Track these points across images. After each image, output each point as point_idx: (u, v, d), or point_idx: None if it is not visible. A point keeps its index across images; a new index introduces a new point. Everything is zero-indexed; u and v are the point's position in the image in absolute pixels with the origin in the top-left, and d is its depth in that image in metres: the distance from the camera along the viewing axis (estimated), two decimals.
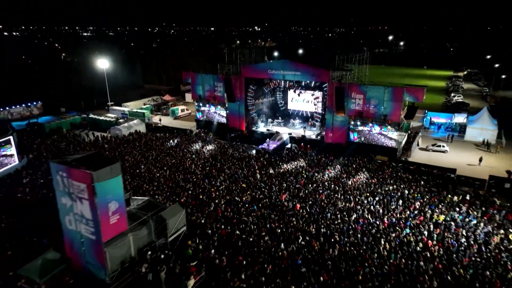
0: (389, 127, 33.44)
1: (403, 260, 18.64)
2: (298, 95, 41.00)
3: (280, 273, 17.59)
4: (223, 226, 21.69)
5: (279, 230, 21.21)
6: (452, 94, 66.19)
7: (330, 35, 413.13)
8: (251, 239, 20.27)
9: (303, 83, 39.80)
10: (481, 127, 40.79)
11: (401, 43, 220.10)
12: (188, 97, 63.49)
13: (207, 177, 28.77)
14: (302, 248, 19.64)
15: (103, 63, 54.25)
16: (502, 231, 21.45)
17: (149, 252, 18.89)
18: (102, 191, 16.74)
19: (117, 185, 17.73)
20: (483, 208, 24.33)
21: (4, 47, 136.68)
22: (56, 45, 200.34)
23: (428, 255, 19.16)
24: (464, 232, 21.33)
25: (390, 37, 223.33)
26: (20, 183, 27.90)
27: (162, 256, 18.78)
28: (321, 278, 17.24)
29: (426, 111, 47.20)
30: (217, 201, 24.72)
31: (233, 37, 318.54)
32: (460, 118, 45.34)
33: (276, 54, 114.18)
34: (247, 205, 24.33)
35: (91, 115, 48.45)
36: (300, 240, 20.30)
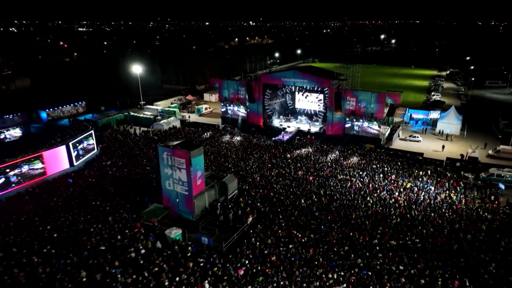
0: (374, 122, 44.13)
1: (380, 208, 29.32)
2: (306, 97, 51.53)
3: (302, 216, 28.14)
4: (260, 190, 32.19)
5: (299, 192, 31.78)
6: (432, 93, 77.06)
7: (324, 31, 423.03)
8: (281, 198, 30.81)
9: (309, 88, 50.25)
10: (448, 122, 51.54)
11: (393, 41, 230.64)
12: (206, 96, 73.67)
13: (242, 160, 39.22)
14: (315, 202, 30.22)
15: (137, 69, 64.13)
16: (447, 192, 32.22)
17: (219, 204, 29.37)
18: (194, 164, 27.11)
19: (201, 160, 28.14)
20: (438, 179, 35.08)
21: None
22: (62, 43, 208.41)
23: (397, 205, 29.86)
24: (422, 193, 32.05)
25: (382, 36, 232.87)
26: (101, 165, 38.11)
27: (227, 205, 29.33)
28: (329, 217, 27.86)
29: (407, 109, 57.87)
30: (253, 175, 35.19)
31: (229, 33, 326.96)
32: (434, 114, 55.98)
33: (277, 55, 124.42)
34: (274, 178, 34.85)
35: (132, 113, 58.44)
36: (314, 198, 30.89)
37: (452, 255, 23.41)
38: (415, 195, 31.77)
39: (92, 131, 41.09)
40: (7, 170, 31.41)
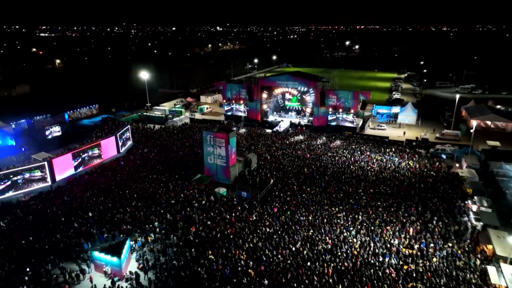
0: (350, 115, 56.48)
1: (361, 172, 41.19)
2: (297, 96, 63.24)
3: (306, 178, 39.39)
4: (273, 164, 43.21)
5: (301, 164, 43.10)
6: (393, 93, 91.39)
7: (291, 36, 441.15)
8: (289, 168, 41.97)
9: (299, 88, 61.85)
10: (406, 114, 64.98)
11: (356, 47, 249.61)
12: (203, 98, 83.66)
13: (252, 145, 50.05)
14: (314, 170, 41.61)
15: (144, 75, 73.33)
16: (407, 161, 44.72)
17: (246, 172, 40.11)
18: (231, 142, 37.76)
19: (234, 140, 38.83)
20: (400, 153, 47.61)
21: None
22: (35, 49, 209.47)
23: (372, 170, 41.87)
24: (389, 162, 44.35)
25: (347, 42, 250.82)
26: (140, 152, 47.69)
27: (253, 173, 40.15)
28: (326, 178, 39.34)
29: (374, 105, 71.00)
30: (264, 155, 46.13)
31: (201, 39, 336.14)
32: (396, 109, 69.29)
33: (256, 61, 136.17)
34: (280, 156, 45.99)
35: (144, 113, 67.59)
36: (313, 167, 42.30)
37: (410, 196, 35.50)
38: (384, 163, 44.02)
39: (129, 126, 50.42)
40: (81, 154, 40.50)
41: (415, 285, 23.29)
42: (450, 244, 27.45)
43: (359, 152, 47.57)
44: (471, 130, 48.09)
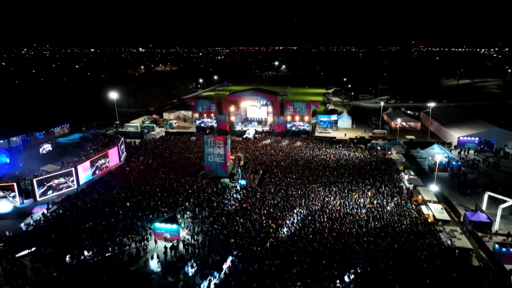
0: (305, 121, 69.81)
1: (324, 161, 53.89)
2: (259, 108, 74.88)
3: (285, 168, 50.75)
4: (256, 161, 53.81)
5: (277, 159, 54.42)
6: (327, 105, 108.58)
7: (218, 57, 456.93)
8: (270, 163, 52.96)
9: (262, 102, 73.60)
10: (344, 120, 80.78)
11: (283, 66, 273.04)
12: (165, 115, 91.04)
13: (232, 149, 60.00)
14: (289, 163, 53.16)
15: (113, 95, 78.99)
16: (353, 153, 58.76)
17: (240, 167, 50.12)
18: (227, 144, 47.68)
19: (229, 142, 48.77)
20: (347, 148, 61.70)
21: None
22: None
23: (329, 159, 54.84)
24: (341, 153, 57.92)
25: (276, 62, 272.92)
26: (138, 160, 54.83)
27: (244, 167, 50.33)
28: (299, 167, 51.13)
29: (317, 115, 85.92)
30: (245, 155, 56.52)
31: (127, 60, 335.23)
32: (333, 117, 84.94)
33: (201, 80, 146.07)
34: (258, 155, 56.80)
35: (120, 129, 73.31)
36: (286, 161, 53.85)
37: (362, 174, 48.83)
38: (338, 155, 57.46)
39: (123, 138, 57.04)
40: (95, 163, 46.75)
41: (377, 223, 35.63)
42: (395, 198, 40.81)
43: (317, 149, 60.57)
44: (398, 127, 64.48)
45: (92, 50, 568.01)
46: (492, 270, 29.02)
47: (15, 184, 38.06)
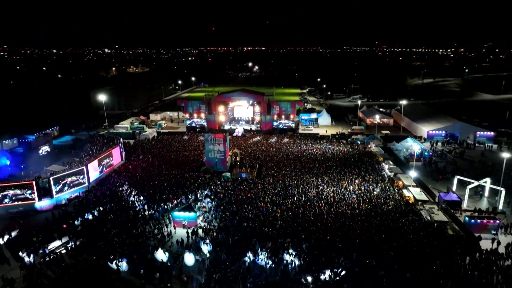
0: (290, 120, 74.95)
1: (312, 155, 59.16)
2: (247, 108, 79.16)
3: (279, 162, 55.52)
4: (251, 156, 58.16)
5: (270, 154, 59.09)
6: (305, 104, 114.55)
7: (189, 58, 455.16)
8: (263, 157, 57.52)
9: (250, 102, 77.93)
10: (323, 118, 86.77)
11: (256, 67, 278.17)
12: (152, 116, 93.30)
13: None
14: (281, 157, 57.99)
15: (102, 97, 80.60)
16: (337, 147, 64.50)
17: (237, 161, 54.26)
18: (227, 140, 51.73)
19: (227, 138, 52.82)
20: (331, 143, 67.38)
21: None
22: None
23: (316, 153, 60.18)
24: (325, 147, 63.44)
25: (250, 64, 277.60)
26: (138, 159, 57.69)
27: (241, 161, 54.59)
28: (291, 161, 56.07)
29: (299, 113, 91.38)
30: (240, 151, 60.72)
31: (93, 62, 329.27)
32: (313, 115, 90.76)
33: (180, 82, 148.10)
34: (251, 151, 61.19)
35: (112, 131, 75.20)
36: (278, 156, 58.65)
37: (348, 165, 54.40)
38: (324, 149, 62.91)
39: (122, 139, 59.58)
40: (101, 161, 49.34)
41: (367, 206, 41.07)
42: (380, 184, 46.56)
43: (304, 144, 65.81)
44: (376, 123, 70.90)
45: (54, 51, 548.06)
46: (464, 237, 35.07)
47: (33, 182, 40.25)
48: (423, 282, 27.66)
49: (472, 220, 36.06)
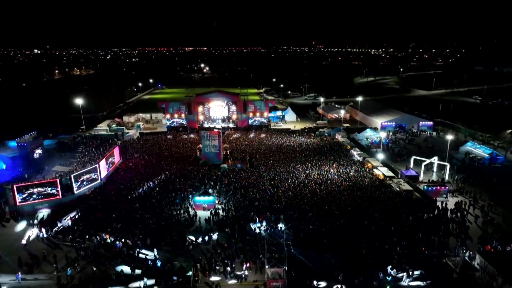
0: (263, 117, 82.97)
1: (290, 147, 67.74)
2: (224, 107, 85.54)
3: (264, 154, 63.25)
4: (238, 150, 65.15)
5: (254, 148, 66.59)
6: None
7: (134, 59, 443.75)
8: (250, 151, 64.87)
9: (225, 102, 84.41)
10: (290, 115, 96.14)
11: (207, 68, 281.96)
12: (126, 118, 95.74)
13: None
14: (264, 150, 65.80)
15: (79, 101, 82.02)
16: (308, 139, 73.86)
17: (228, 155, 61.01)
18: (221, 137, 58.31)
19: (221, 135, 59.37)
20: (301, 135, 76.60)
21: None
22: None
23: (293, 144, 68.94)
24: (299, 140, 72.47)
25: (202, 65, 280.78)
26: (133, 157, 61.91)
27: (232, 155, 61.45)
28: (275, 153, 64.17)
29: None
30: (226, 145, 67.35)
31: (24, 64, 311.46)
32: (279, 113, 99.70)
33: (151, 81, 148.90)
34: (235, 146, 68.17)
35: (93, 133, 77.28)
36: (262, 149, 66.38)
37: (323, 153, 63.78)
38: (299, 142, 71.84)
39: (116, 139, 63.15)
40: (108, 160, 53.24)
41: (349, 183, 50.43)
42: (353, 167, 56.39)
43: (280, 138, 74.24)
44: (341, 118, 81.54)
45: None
46: (425, 200, 45.74)
47: (58, 180, 43.71)
48: (402, 232, 37.23)
49: (429, 188, 46.90)
